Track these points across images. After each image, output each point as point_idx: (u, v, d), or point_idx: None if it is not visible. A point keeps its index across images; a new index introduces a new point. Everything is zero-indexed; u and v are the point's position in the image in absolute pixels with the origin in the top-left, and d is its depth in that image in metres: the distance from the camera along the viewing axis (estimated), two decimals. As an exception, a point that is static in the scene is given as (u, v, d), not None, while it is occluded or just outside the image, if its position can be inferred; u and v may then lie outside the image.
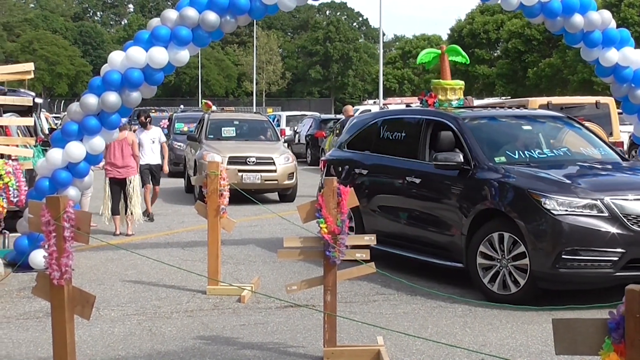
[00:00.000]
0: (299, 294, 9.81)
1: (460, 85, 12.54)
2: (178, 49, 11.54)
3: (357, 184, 12.27)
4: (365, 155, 12.85)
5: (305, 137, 37.68)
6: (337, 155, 13.62)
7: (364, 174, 12.60)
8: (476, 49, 78.53)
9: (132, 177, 15.65)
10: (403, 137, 12.38)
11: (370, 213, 12.31)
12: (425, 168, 11.39)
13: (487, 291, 9.92)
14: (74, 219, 6.01)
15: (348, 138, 13.60)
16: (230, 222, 10.97)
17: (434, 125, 11.68)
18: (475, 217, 10.24)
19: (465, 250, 10.32)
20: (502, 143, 11.34)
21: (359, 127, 13.52)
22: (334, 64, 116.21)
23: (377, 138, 12.83)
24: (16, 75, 13.37)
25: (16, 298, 10.19)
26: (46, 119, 31.64)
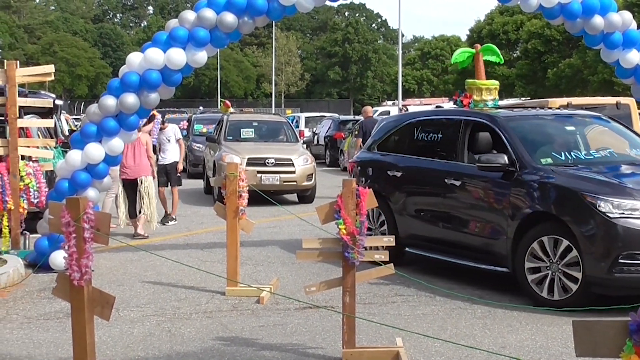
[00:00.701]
0: (318, 295, 9.80)
1: (495, 85, 12.21)
2: (196, 50, 11.53)
3: (391, 187, 12.17)
4: (399, 157, 12.53)
5: (324, 138, 37.68)
6: (367, 157, 13.32)
7: (398, 176, 12.24)
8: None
9: (144, 178, 15.33)
10: (439, 138, 12.08)
11: (405, 216, 12.01)
12: (465, 170, 11.08)
13: (536, 296, 9.61)
14: (94, 220, 6.03)
15: (378, 139, 13.24)
16: (249, 223, 10.97)
17: (473, 126, 11.36)
18: (522, 221, 9.95)
19: (511, 254, 10.03)
20: (546, 144, 10.99)
21: (390, 129, 13.17)
22: (353, 65, 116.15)
23: (411, 139, 12.53)
24: (37, 77, 13.42)
25: (37, 299, 10.23)
26: (66, 120, 31.79)
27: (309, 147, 35.08)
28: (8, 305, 9.87)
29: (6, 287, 10.62)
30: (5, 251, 12.37)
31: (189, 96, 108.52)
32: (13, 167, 12.61)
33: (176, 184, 17.75)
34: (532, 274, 9.73)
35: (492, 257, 10.41)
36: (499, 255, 10.28)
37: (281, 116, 27.30)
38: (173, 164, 17.63)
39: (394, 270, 7.74)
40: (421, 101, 58.80)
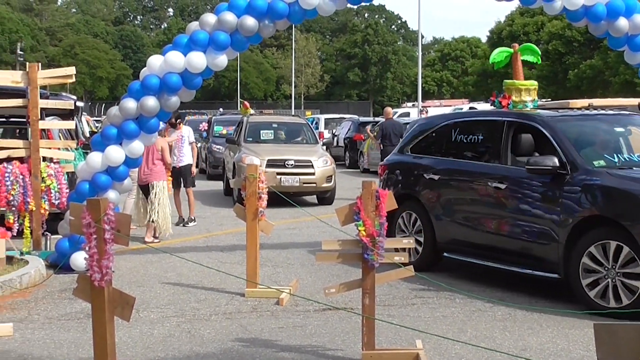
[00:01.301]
0: (338, 297, 9.78)
1: (534, 85, 11.86)
2: (216, 53, 11.53)
3: (427, 190, 11.90)
4: (436, 160, 12.15)
5: (343, 139, 37.68)
6: (400, 160, 12.94)
7: (435, 179, 11.85)
8: (516, 51, 77.99)
9: (155, 183, 15.05)
10: (480, 139, 11.73)
11: (444, 220, 11.63)
12: (511, 172, 10.73)
13: (592, 303, 9.29)
14: (114, 221, 6.05)
15: (411, 142, 12.85)
16: (268, 224, 10.97)
17: (517, 127, 11.03)
18: (575, 225, 9.60)
19: (563, 259, 9.70)
20: (597, 145, 10.67)
21: (424, 130, 12.77)
22: (373, 67, 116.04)
23: (449, 141, 12.15)
24: (58, 79, 13.48)
25: (57, 299, 10.27)
26: (87, 122, 31.98)
27: (328, 148, 35.14)
28: (30, 305, 9.92)
29: (28, 287, 10.67)
30: (27, 252, 12.42)
31: (209, 98, 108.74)
32: (35, 168, 12.67)
33: (191, 185, 17.67)
34: (587, 279, 9.39)
35: (541, 262, 10.04)
36: (548, 261, 9.91)
37: (301, 118, 27.29)
38: (187, 166, 17.52)
39: (414, 272, 7.73)
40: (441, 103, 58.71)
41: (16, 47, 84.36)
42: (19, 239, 12.67)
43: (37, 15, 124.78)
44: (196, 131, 29.49)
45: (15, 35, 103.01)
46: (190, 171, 17.59)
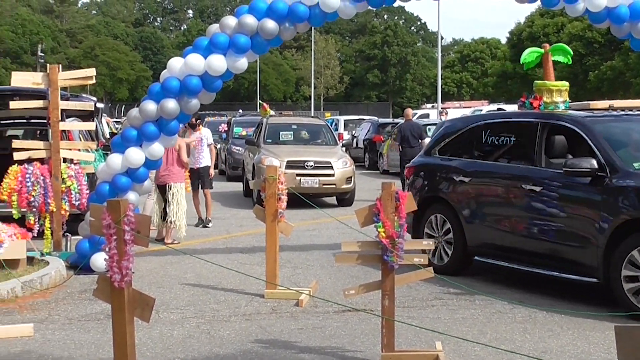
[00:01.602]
0: (357, 299, 9.75)
1: (566, 86, 11.66)
2: (236, 56, 11.50)
3: (457, 192, 11.69)
4: (467, 162, 11.93)
5: (363, 141, 37.67)
6: (428, 162, 12.69)
7: (466, 181, 11.63)
8: (536, 53, 77.73)
9: (172, 184, 15.02)
10: (513, 141, 11.51)
11: (475, 223, 11.40)
12: (546, 175, 10.50)
13: (633, 307, 9.05)
14: (134, 222, 6.06)
15: (440, 143, 12.66)
16: (288, 226, 10.98)
17: (552, 129, 10.83)
18: (616, 228, 9.37)
19: (602, 263, 9.48)
20: (634, 147, 10.50)
21: (452, 132, 12.58)
22: (392, 68, 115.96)
23: (479, 143, 11.96)
24: (79, 80, 13.53)
25: (78, 300, 10.31)
26: (107, 123, 32.07)
27: (348, 150, 35.19)
28: (50, 306, 9.96)
29: (48, 288, 10.71)
30: (47, 253, 12.48)
31: (229, 99, 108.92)
32: (55, 169, 12.72)
33: (208, 187, 17.61)
34: (629, 283, 9.22)
35: (578, 266, 9.83)
36: (586, 265, 9.71)
37: (320, 119, 27.30)
38: (206, 168, 17.43)
39: (433, 273, 7.71)
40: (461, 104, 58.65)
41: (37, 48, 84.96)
42: (40, 239, 12.71)
43: (57, 17, 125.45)
44: (215, 132, 29.56)
45: (36, 37, 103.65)
46: (208, 173, 17.51)
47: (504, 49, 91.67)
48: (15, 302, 10.05)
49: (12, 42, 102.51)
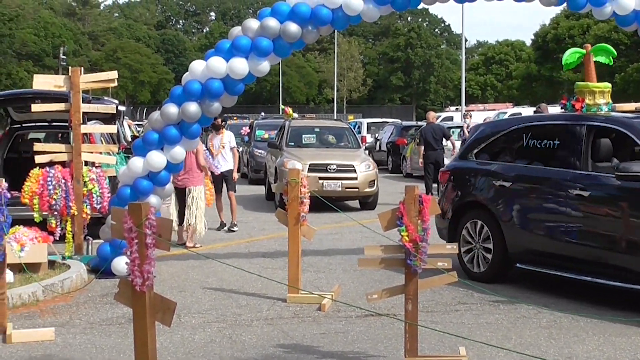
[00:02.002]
0: (380, 303, 9.76)
1: (608, 87, 11.45)
2: (259, 59, 11.48)
3: (497, 197, 11.41)
4: (507, 165, 11.63)
5: (386, 144, 37.62)
6: (463, 166, 12.43)
7: (507, 186, 11.32)
8: (561, 55, 77.46)
9: (192, 187, 15.01)
10: (557, 144, 11.10)
11: (516, 229, 11.06)
12: (594, 179, 10.24)
13: None
14: (156, 226, 6.07)
15: (476, 147, 12.38)
16: (310, 229, 10.97)
17: (599, 132, 10.61)
18: None
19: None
20: None
21: (490, 135, 12.31)
22: (416, 71, 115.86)
23: (520, 146, 11.68)
24: (100, 83, 13.56)
25: (99, 304, 10.34)
26: (129, 126, 32.19)
27: (371, 153, 35.15)
28: (71, 310, 9.99)
29: (69, 292, 10.75)
30: (69, 256, 12.52)
31: (251, 102, 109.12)
32: (77, 172, 12.76)
33: (233, 190, 17.60)
34: None
35: (628, 273, 9.63)
36: (636, 272, 9.51)
37: (343, 122, 27.29)
38: (229, 172, 17.44)
39: (457, 278, 7.69)
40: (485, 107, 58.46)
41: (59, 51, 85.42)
42: (61, 243, 12.76)
43: (79, 19, 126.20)
44: (238, 135, 29.60)
45: (58, 39, 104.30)
46: (232, 176, 17.52)
47: (529, 51, 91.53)
48: (36, 305, 10.09)
49: (34, 45, 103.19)
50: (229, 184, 17.49)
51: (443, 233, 12.41)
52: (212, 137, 17.51)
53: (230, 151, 17.55)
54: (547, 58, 79.81)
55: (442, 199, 12.49)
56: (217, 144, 17.42)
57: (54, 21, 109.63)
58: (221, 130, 17.50)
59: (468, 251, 11.75)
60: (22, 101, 15.59)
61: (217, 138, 17.43)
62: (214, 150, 17.25)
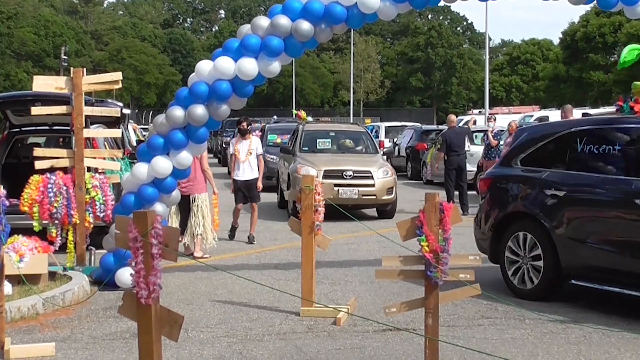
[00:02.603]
0: (398, 317, 9.75)
1: None
2: (269, 59, 11.49)
3: (549, 208, 11.09)
4: (559, 173, 11.27)
5: (405, 149, 37.59)
6: (508, 173, 12.13)
7: (560, 195, 10.97)
8: (591, 54, 77.40)
9: (197, 195, 14.94)
10: (617, 150, 10.76)
11: (571, 242, 10.70)
12: None
13: None
14: (162, 235, 6.08)
15: (521, 152, 12.09)
16: (325, 239, 10.98)
17: None
18: None
19: None
20: None
21: (538, 140, 12.01)
22: (437, 72, 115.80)
23: (574, 152, 11.22)
24: (104, 85, 13.61)
25: (102, 317, 10.36)
26: (134, 130, 32.25)
27: (389, 158, 35.12)
28: (73, 324, 10.02)
29: (71, 305, 10.77)
30: (70, 267, 12.56)
31: (262, 104, 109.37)
32: (79, 179, 12.80)
33: (257, 200, 17.27)
34: None
35: None
36: None
37: (360, 126, 27.29)
38: (254, 180, 17.05)
39: (481, 290, 7.68)
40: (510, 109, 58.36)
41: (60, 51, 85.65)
42: (62, 253, 12.81)
43: (82, 18, 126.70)
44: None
45: (59, 39, 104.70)
46: (256, 185, 17.13)
47: (557, 50, 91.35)
48: (36, 319, 10.13)
49: (34, 45, 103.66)
50: (253, 194, 17.12)
51: (483, 246, 12.16)
52: (237, 141, 17.21)
53: (256, 158, 17.18)
54: (576, 58, 79.72)
55: (483, 209, 12.27)
56: (244, 149, 17.06)
57: (55, 19, 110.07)
58: (248, 135, 17.18)
59: (513, 266, 11.43)
60: (21, 104, 15.62)
61: (244, 143, 17.10)
62: (240, 157, 16.96)
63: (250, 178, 17.06)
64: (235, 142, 17.27)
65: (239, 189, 16.84)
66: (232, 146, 17.20)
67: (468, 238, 14.92)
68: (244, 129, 17.07)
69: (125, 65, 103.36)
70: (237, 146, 17.11)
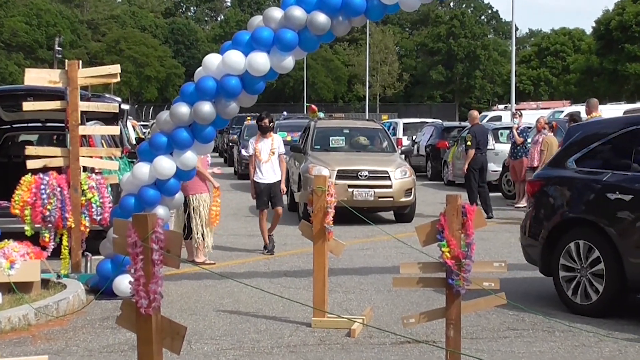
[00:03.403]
0: (417, 328, 9.76)
1: None
2: (282, 54, 11.43)
3: (613, 213, 10.75)
4: (624, 176, 10.86)
5: (425, 147, 37.59)
6: (562, 175, 11.82)
7: (627, 200, 10.60)
8: (627, 45, 77.08)
9: (195, 197, 14.80)
10: None
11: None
12: None
13: None
14: (164, 240, 6.10)
15: (576, 151, 11.78)
16: (339, 244, 10.98)
17: None
18: None
19: None
20: None
21: (595, 138, 11.72)
22: (459, 64, 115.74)
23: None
24: (101, 78, 13.63)
25: (99, 329, 10.39)
26: (133, 127, 32.38)
27: (407, 157, 35.07)
28: (67, 335, 10.05)
29: (65, 314, 10.80)
30: (65, 275, 12.58)
31: (272, 100, 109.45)
32: (74, 179, 12.82)
33: (280, 204, 16.74)
34: None
35: None
36: None
37: (376, 122, 27.30)
38: (277, 183, 16.55)
39: (507, 300, 7.68)
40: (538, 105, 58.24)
41: (54, 42, 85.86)
42: (56, 259, 12.84)
43: (77, 6, 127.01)
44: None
45: (53, 29, 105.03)
46: (279, 188, 16.64)
47: (589, 40, 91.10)
48: (28, 330, 10.15)
49: (26, 35, 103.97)
50: (277, 198, 16.61)
51: (532, 257, 11.91)
52: (257, 140, 16.63)
53: (278, 158, 16.66)
54: (610, 49, 79.44)
55: (532, 215, 11.96)
56: (266, 149, 16.53)
57: (48, 8, 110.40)
58: (269, 134, 16.67)
59: (570, 278, 11.13)
60: (12, 99, 15.64)
61: (265, 142, 16.56)
62: (261, 157, 16.43)
63: (274, 180, 16.53)
64: (255, 141, 16.65)
65: (261, 192, 16.43)
66: (252, 145, 16.58)
67: (492, 243, 14.95)
68: (266, 127, 16.48)
69: (124, 57, 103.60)
70: (258, 145, 16.52)
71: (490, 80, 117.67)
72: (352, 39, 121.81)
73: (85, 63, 14.42)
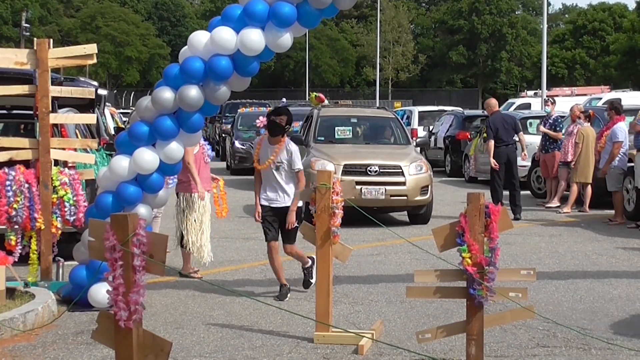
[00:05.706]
0: (434, 344, 9.76)
1: None
2: (278, 30, 11.43)
3: None
4: None
5: (443, 139, 37.59)
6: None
7: None
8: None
9: (183, 196, 14.40)
10: None
11: None
12: None
13: None
14: (146, 243, 6.11)
15: None
16: (345, 249, 11.00)
17: None
18: None
19: None
20: None
21: None
22: (483, 44, 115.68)
23: None
24: (75, 60, 13.64)
25: (72, 344, 10.40)
26: (112, 115, 32.40)
27: (423, 150, 35.10)
28: (36, 352, 10.07)
29: (34, 328, 10.82)
30: (33, 283, 12.59)
31: (269, 84, 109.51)
32: (44, 175, 12.83)
33: (290, 242, 15.72)
34: None
35: None
36: None
37: (388, 110, 27.30)
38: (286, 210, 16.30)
39: (536, 313, 7.69)
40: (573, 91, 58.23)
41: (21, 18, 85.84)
42: (23, 265, 12.87)
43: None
44: (252, 128, 29.63)
45: (19, 2, 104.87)
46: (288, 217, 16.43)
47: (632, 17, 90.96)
48: (-9, 345, 10.19)
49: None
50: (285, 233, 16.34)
51: None
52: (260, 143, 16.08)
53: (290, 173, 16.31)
54: (657, 27, 79.47)
55: None
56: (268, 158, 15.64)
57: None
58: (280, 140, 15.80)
59: None
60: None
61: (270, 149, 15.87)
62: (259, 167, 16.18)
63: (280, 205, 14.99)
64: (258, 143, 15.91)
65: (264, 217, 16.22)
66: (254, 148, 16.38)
67: (520, 248, 14.94)
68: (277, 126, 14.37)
69: (101, 35, 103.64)
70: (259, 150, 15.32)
71: (518, 62, 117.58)
72: (361, 15, 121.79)
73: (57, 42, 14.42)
